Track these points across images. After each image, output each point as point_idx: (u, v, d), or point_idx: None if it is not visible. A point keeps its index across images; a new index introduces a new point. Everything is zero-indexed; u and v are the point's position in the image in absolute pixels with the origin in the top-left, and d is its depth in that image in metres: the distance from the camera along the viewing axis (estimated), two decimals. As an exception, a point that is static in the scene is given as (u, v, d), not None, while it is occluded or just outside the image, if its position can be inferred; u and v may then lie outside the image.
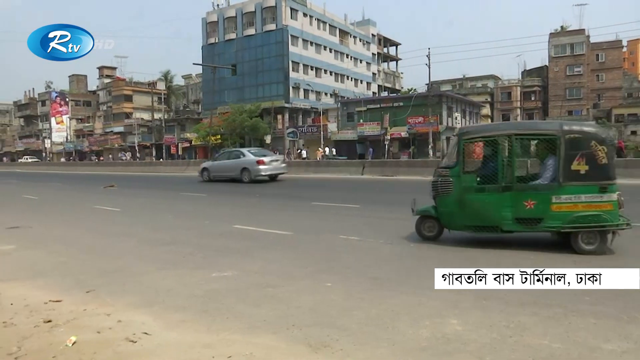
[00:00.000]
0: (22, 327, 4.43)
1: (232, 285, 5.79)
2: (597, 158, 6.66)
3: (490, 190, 7.20)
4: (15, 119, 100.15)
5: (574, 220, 6.69)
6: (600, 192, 6.68)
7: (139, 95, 74.73)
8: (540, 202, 6.86)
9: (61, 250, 8.33)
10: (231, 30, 62.72)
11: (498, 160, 7.16)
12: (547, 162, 7.12)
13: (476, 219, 7.29)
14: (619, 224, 6.62)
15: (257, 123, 51.03)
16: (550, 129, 7.44)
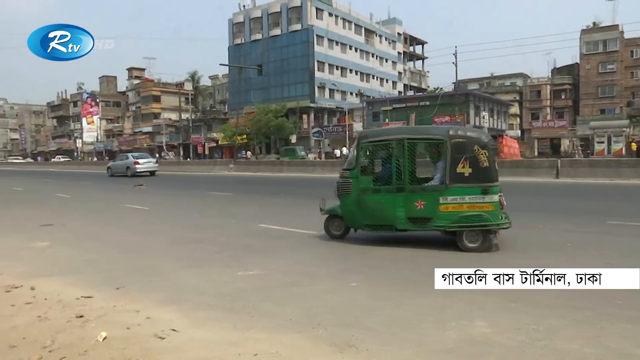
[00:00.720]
0: (55, 322, 4.56)
1: (258, 283, 5.84)
2: (479, 161, 7.06)
3: (385, 191, 7.64)
4: (48, 120, 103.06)
5: (458, 219, 7.09)
6: (482, 194, 7.06)
7: (166, 95, 75.96)
8: (429, 203, 7.28)
9: (92, 248, 8.54)
10: (257, 30, 63.20)
11: (392, 163, 7.55)
12: (438, 165, 7.56)
13: (373, 218, 7.68)
14: (499, 223, 7.03)
15: (283, 123, 51.30)
16: (438, 134, 7.89)
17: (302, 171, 30.25)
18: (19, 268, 6.92)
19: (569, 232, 8.74)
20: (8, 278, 6.25)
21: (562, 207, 12.51)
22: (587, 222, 9.70)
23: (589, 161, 25.25)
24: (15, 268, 6.92)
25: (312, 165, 31.86)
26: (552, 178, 21.03)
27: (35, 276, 6.36)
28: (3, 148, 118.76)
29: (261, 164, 37.61)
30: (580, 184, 18.94)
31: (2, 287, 5.85)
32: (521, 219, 8.49)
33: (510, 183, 19.72)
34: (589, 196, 15.61)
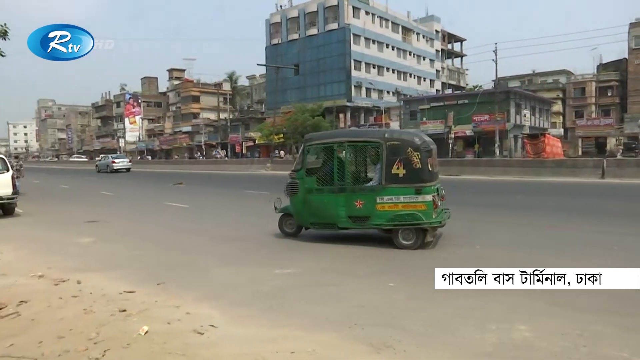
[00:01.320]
0: (100, 315, 4.72)
1: (295, 282, 5.88)
2: (412, 163, 7.38)
3: (327, 191, 7.99)
4: (93, 120, 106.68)
5: (393, 218, 7.45)
6: (415, 194, 7.38)
7: (205, 96, 77.30)
8: (367, 202, 7.63)
9: (135, 244, 8.80)
10: (294, 30, 63.53)
11: (334, 165, 7.91)
12: (376, 167, 7.85)
13: (318, 217, 8.14)
14: (431, 222, 7.34)
15: (319, 122, 51.35)
16: (375, 137, 8.28)
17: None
18: (67, 263, 7.21)
19: (619, 234, 8.41)
20: (57, 272, 6.51)
21: (610, 209, 12.05)
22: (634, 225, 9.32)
23: (636, 161, 24.21)
24: (63, 262, 7.21)
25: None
26: (598, 178, 20.26)
27: (81, 271, 6.61)
28: (51, 147, 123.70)
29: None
30: (628, 184, 18.19)
31: (51, 280, 6.12)
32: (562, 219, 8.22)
33: (552, 183, 19.19)
34: (636, 198, 14.99)
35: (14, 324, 4.61)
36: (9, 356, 3.83)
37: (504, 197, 15.02)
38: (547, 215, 10.83)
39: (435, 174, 7.84)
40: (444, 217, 7.72)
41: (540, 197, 15.33)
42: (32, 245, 8.83)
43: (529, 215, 10.78)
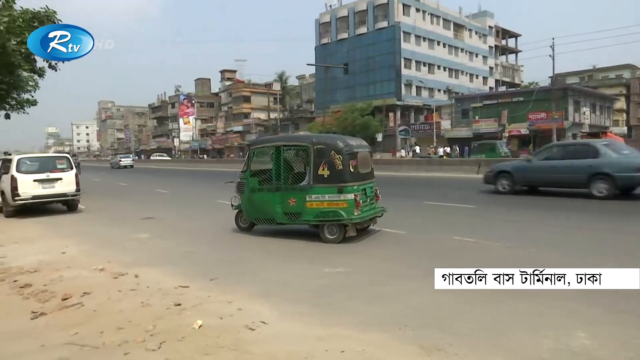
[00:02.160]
0: (156, 308, 4.91)
1: (344, 281, 5.89)
2: (335, 165, 8.10)
3: (266, 190, 8.82)
4: (149, 120, 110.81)
5: (319, 215, 8.22)
6: (338, 193, 8.08)
7: (256, 96, 78.64)
8: (298, 200, 8.40)
9: (188, 241, 9.08)
10: (343, 29, 63.53)
11: (272, 166, 8.75)
12: (307, 168, 8.50)
13: (260, 213, 9.00)
14: (352, 218, 7.97)
15: (369, 121, 51.17)
16: (304, 141, 8.87)
17: (388, 170, 29.96)
18: (125, 257, 7.54)
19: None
20: (116, 266, 6.82)
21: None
22: None
23: None
24: (121, 257, 7.54)
25: (398, 164, 31.45)
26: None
27: (138, 265, 6.89)
28: (110, 147, 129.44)
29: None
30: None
31: (111, 274, 6.41)
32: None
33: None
34: None
35: (78, 313, 4.86)
36: (73, 344, 4.04)
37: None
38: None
39: (361, 174, 8.48)
40: (368, 214, 8.44)
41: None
42: (93, 240, 9.28)
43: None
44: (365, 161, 8.76)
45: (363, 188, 8.43)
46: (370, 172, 9.03)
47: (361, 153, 8.60)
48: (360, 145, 8.83)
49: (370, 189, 8.83)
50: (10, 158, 13.98)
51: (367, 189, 8.60)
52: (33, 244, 8.95)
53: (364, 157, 8.73)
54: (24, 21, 15.51)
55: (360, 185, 8.36)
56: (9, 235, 9.92)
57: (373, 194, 8.97)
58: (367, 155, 8.98)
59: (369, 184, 8.79)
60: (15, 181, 12.78)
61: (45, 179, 13.23)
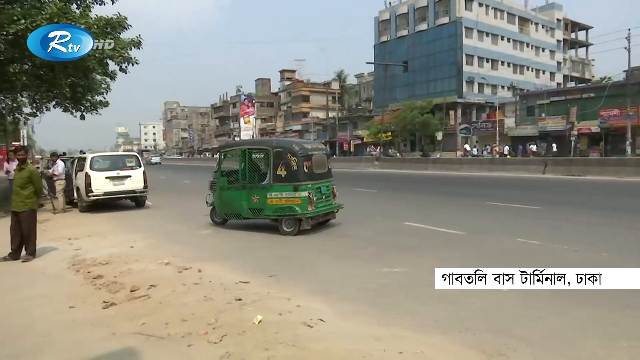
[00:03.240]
0: (218, 302, 5.06)
1: (402, 281, 5.81)
2: (291, 166, 9.07)
3: (234, 188, 9.90)
4: (212, 120, 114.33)
5: (278, 210, 9.22)
6: (294, 191, 9.05)
7: (315, 95, 79.22)
8: (261, 197, 9.41)
9: (246, 237, 9.31)
10: (403, 27, 62.74)
11: (239, 167, 9.82)
12: (268, 169, 9.46)
13: (229, 209, 10.10)
14: (306, 213, 8.94)
15: (428, 119, 50.28)
16: (266, 144, 10.12)
17: (448, 169, 29.36)
18: (188, 252, 7.82)
19: None
20: (180, 260, 7.09)
21: None
22: None
23: None
24: (185, 252, 7.83)
25: (458, 164, 30.73)
26: None
27: (201, 260, 7.12)
28: (175, 145, 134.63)
29: (406, 161, 37.33)
30: None
31: (176, 267, 6.67)
32: None
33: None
34: None
35: (145, 305, 5.09)
36: (141, 333, 4.24)
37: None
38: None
39: (316, 174, 9.41)
40: (322, 210, 9.43)
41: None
42: (159, 235, 9.70)
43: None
44: (321, 162, 9.76)
45: (318, 187, 9.40)
46: (327, 172, 10.00)
47: (316, 155, 9.58)
48: (316, 149, 9.92)
49: (326, 188, 9.77)
50: (85, 156, 14.86)
51: (322, 187, 9.56)
52: (104, 238, 9.47)
53: (320, 159, 9.69)
54: (98, 28, 16.42)
55: (315, 184, 9.31)
56: (83, 230, 10.55)
57: (329, 192, 9.94)
58: (323, 157, 9.96)
59: (325, 182, 9.74)
60: (89, 178, 13.57)
61: (116, 176, 13.97)
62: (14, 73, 21.23)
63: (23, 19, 15.01)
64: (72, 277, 6.49)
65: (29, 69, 20.40)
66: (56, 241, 9.06)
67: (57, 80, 18.33)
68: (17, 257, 7.59)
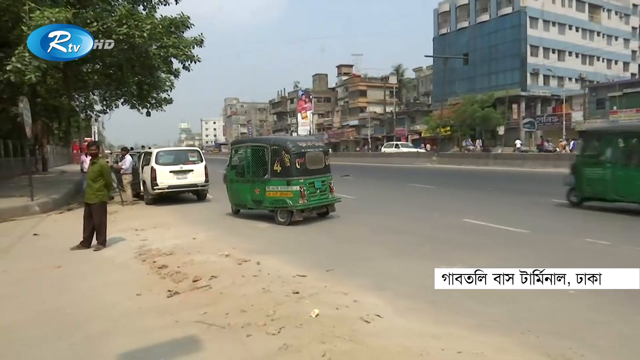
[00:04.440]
0: (276, 295, 5.16)
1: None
2: (284, 162, 9.96)
3: (240, 181, 11.05)
4: (270, 116, 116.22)
5: (273, 202, 10.15)
6: (287, 185, 9.89)
7: (372, 90, 78.64)
8: (261, 190, 10.37)
9: (304, 231, 9.42)
10: (463, 18, 61.02)
11: (245, 162, 11.06)
12: (267, 164, 10.35)
13: (237, 200, 11.39)
14: (297, 206, 9.77)
15: (489, 114, 48.69)
16: (264, 142, 11.07)
17: (510, 165, 28.31)
18: (247, 245, 8.01)
19: None
20: (240, 252, 7.28)
21: None
22: None
23: None
24: (244, 244, 8.03)
25: (521, 159, 29.53)
26: None
27: (259, 252, 7.29)
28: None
29: (465, 157, 36.38)
30: None
31: (235, 259, 6.86)
32: None
33: None
34: None
35: (207, 295, 5.28)
36: (202, 322, 4.40)
37: None
38: None
39: (309, 170, 10.11)
40: (314, 203, 10.14)
41: None
42: (220, 228, 10.01)
43: None
44: (317, 159, 10.45)
45: (311, 182, 10.09)
46: (323, 168, 10.58)
47: (310, 153, 10.32)
48: (311, 146, 10.58)
49: (321, 183, 10.38)
50: (150, 151, 15.54)
51: (316, 182, 10.21)
52: (168, 230, 9.87)
53: (315, 156, 10.42)
54: (162, 27, 17.08)
55: (308, 179, 10.02)
56: (148, 221, 11.04)
57: (325, 186, 10.50)
58: (319, 154, 10.61)
59: (321, 178, 10.38)
60: (154, 172, 14.19)
61: (179, 170, 14.51)
62: (87, 73, 22.49)
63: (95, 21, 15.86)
64: (138, 266, 6.82)
65: (100, 68, 21.53)
66: (124, 232, 9.55)
67: (125, 79, 19.25)
68: (88, 246, 8.07)
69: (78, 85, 24.43)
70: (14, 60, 11.95)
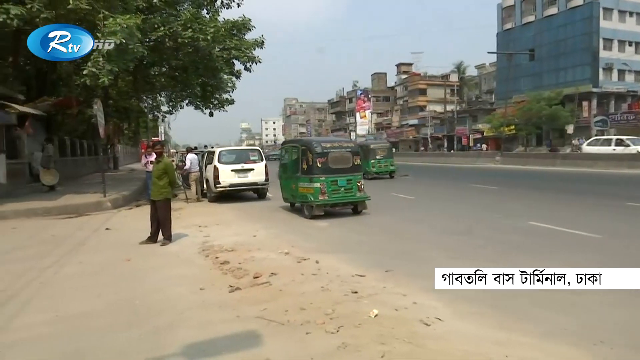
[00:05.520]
0: (334, 294, 5.17)
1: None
2: (309, 161, 10.87)
3: (285, 178, 12.35)
4: (328, 115, 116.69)
5: (301, 197, 11.19)
6: (309, 182, 10.77)
7: (432, 88, 77.17)
8: (296, 186, 11.38)
9: (363, 230, 9.38)
10: (529, 12, 58.51)
11: (288, 160, 12.32)
12: (300, 163, 11.32)
13: (285, 194, 12.48)
14: (316, 201, 10.60)
15: (557, 111, 46.40)
16: (297, 142, 12.20)
17: (579, 165, 26.91)
18: (306, 243, 8.09)
19: None
20: (299, 251, 7.37)
21: None
22: None
23: None
24: (303, 243, 8.12)
25: (591, 159, 27.94)
26: None
27: (318, 251, 7.33)
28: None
29: (530, 157, 34.92)
30: None
31: (295, 257, 6.94)
32: None
33: None
34: None
35: (267, 291, 5.37)
36: (262, 318, 4.48)
37: None
38: None
39: (331, 169, 10.82)
40: (335, 200, 10.88)
41: None
42: (279, 226, 10.16)
43: None
44: (341, 159, 11.04)
45: (333, 180, 10.75)
46: (350, 167, 11.08)
47: (334, 152, 11.00)
48: (337, 147, 11.20)
49: (346, 181, 10.88)
50: (213, 150, 16.03)
51: (339, 180, 10.80)
52: (230, 227, 10.14)
53: (339, 156, 11.02)
54: (225, 30, 17.58)
55: (329, 177, 10.73)
56: (211, 218, 11.39)
57: (352, 185, 10.97)
58: (346, 154, 11.13)
59: (346, 176, 10.90)
60: (217, 170, 14.62)
61: (241, 169, 14.87)
62: (154, 75, 23.52)
63: (162, 26, 16.54)
64: (202, 262, 7.06)
65: (166, 71, 22.46)
66: (188, 228, 9.90)
67: (190, 80, 19.98)
68: (155, 241, 8.44)
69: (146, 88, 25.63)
70: (90, 65, 12.70)
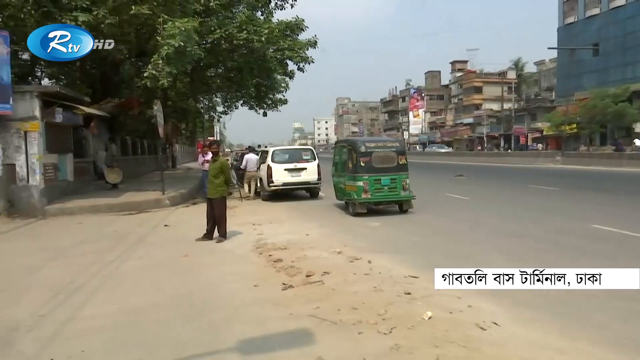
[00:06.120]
0: (387, 294, 5.13)
1: (592, 292, 5.17)
2: (353, 160, 11.33)
3: (336, 176, 12.83)
4: (381, 114, 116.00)
5: (346, 194, 11.71)
6: (352, 180, 11.28)
7: (488, 86, 74.98)
8: (343, 185, 11.92)
9: (417, 231, 9.25)
10: (593, 5, 55.66)
11: (338, 159, 12.81)
12: (347, 162, 11.80)
13: (337, 192, 12.72)
14: (359, 199, 11.00)
15: (624, 109, 43.86)
16: (346, 142, 12.76)
17: (648, 166, 25.39)
18: (359, 243, 8.08)
19: None
20: (351, 250, 7.36)
21: None
22: None
23: None
24: (356, 242, 8.11)
25: (662, 159, 26.29)
26: None
27: (371, 251, 7.30)
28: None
29: (594, 157, 33.25)
30: None
31: (347, 257, 6.94)
32: None
33: None
34: None
35: (319, 290, 5.40)
36: (315, 316, 4.51)
37: None
38: None
39: (375, 168, 11.02)
40: (378, 199, 11.14)
41: None
42: (332, 225, 10.19)
43: None
44: (385, 158, 11.21)
45: (377, 178, 10.96)
46: (395, 167, 11.20)
47: (378, 152, 11.22)
48: (382, 147, 11.48)
49: (390, 180, 11.03)
50: (267, 150, 16.28)
51: (382, 179, 11.00)
52: (283, 225, 10.27)
53: (383, 155, 11.21)
54: (279, 31, 17.82)
55: (373, 176, 10.94)
56: (264, 217, 11.59)
57: (396, 184, 11.09)
58: (390, 153, 11.30)
59: (390, 175, 11.07)
60: (271, 170, 14.85)
61: (293, 168, 15.03)
62: (210, 77, 24.18)
63: (218, 28, 16.97)
64: (256, 259, 7.19)
65: (222, 72, 23.03)
66: (242, 226, 10.12)
67: (245, 81, 20.40)
68: (211, 238, 8.67)
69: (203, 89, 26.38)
70: (150, 67, 13.23)
